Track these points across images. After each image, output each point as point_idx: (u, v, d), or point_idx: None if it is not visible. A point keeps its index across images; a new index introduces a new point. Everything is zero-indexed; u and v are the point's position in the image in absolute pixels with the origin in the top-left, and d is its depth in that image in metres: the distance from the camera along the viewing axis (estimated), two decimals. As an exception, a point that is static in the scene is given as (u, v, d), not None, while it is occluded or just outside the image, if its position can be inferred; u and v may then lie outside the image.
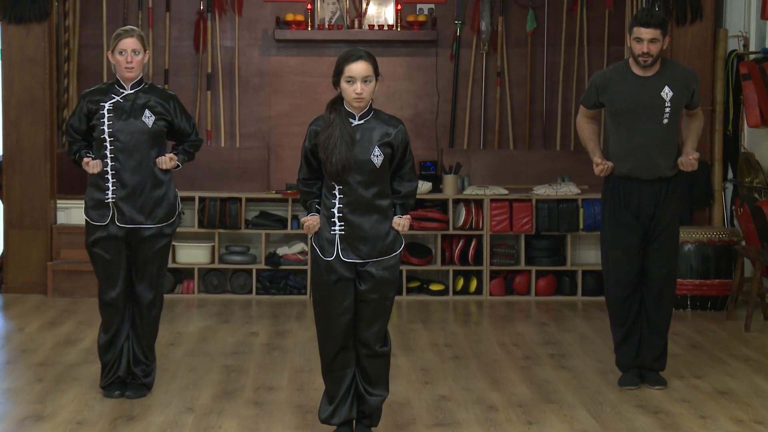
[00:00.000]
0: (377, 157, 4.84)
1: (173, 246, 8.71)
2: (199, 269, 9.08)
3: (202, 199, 9.06)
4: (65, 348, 6.99)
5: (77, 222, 8.86)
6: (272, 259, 9.03)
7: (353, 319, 4.95)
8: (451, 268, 9.09)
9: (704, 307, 8.38)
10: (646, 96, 5.91)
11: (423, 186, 9.08)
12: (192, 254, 9.02)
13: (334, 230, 4.89)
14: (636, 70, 5.95)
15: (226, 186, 9.54)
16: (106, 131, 5.66)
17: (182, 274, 9.10)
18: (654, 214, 6.01)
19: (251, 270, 9.08)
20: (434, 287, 9.09)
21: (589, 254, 9.23)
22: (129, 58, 5.63)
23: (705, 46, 8.91)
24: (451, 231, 9.07)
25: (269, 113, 9.88)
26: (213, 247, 9.07)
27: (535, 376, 6.36)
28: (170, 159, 5.77)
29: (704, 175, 8.90)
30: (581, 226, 9.03)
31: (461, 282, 9.08)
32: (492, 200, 9.04)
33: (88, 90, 5.81)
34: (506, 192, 9.15)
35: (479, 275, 9.09)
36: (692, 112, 6.09)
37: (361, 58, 4.82)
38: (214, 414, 5.55)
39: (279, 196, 9.15)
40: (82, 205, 5.87)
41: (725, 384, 6.17)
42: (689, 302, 8.38)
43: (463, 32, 9.83)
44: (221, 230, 9.06)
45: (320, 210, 4.96)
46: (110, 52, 5.68)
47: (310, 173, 4.99)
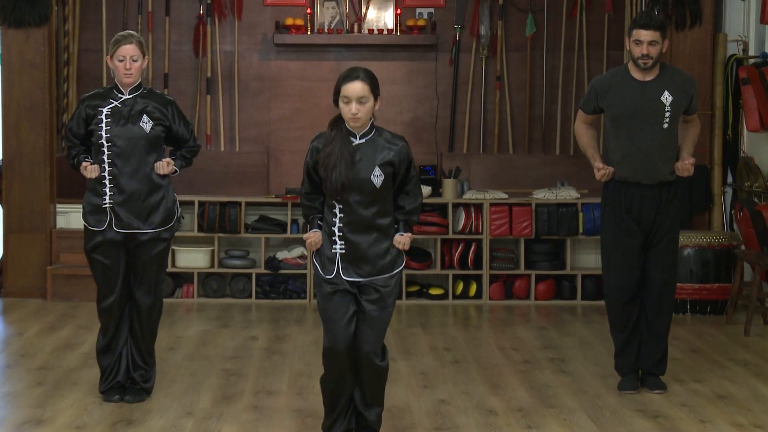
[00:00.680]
0: (377, 178, 4.82)
1: (173, 250, 8.72)
2: (199, 273, 9.08)
3: (202, 204, 9.06)
4: (65, 352, 6.99)
5: (77, 226, 8.86)
6: (272, 264, 9.03)
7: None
8: (451, 273, 9.09)
9: (704, 312, 8.38)
10: (646, 100, 5.91)
11: (423, 190, 9.05)
12: (191, 258, 9.02)
13: (335, 249, 4.88)
14: (636, 75, 5.96)
15: (226, 190, 9.54)
16: (104, 136, 5.66)
17: (182, 279, 9.10)
18: (655, 219, 6.01)
19: (251, 274, 9.08)
20: (434, 291, 9.09)
21: (589, 258, 9.23)
22: (128, 65, 5.63)
23: (704, 51, 8.92)
24: (451, 235, 9.07)
25: (269, 117, 9.89)
26: (213, 252, 9.07)
27: (535, 381, 6.36)
28: (168, 164, 5.77)
29: (704, 180, 8.90)
30: (581, 231, 9.03)
31: (461, 286, 9.08)
32: (491, 204, 9.04)
33: (87, 95, 5.81)
34: (506, 196, 9.15)
35: (479, 279, 9.09)
36: (689, 118, 6.10)
37: (357, 79, 4.78)
38: (214, 418, 5.54)
39: (279, 201, 9.15)
40: (81, 210, 5.87)
41: (725, 388, 6.17)
42: (689, 306, 8.37)
43: (463, 36, 9.84)
44: (221, 234, 9.06)
45: (322, 226, 4.95)
46: (109, 57, 5.69)
47: (312, 188, 4.97)
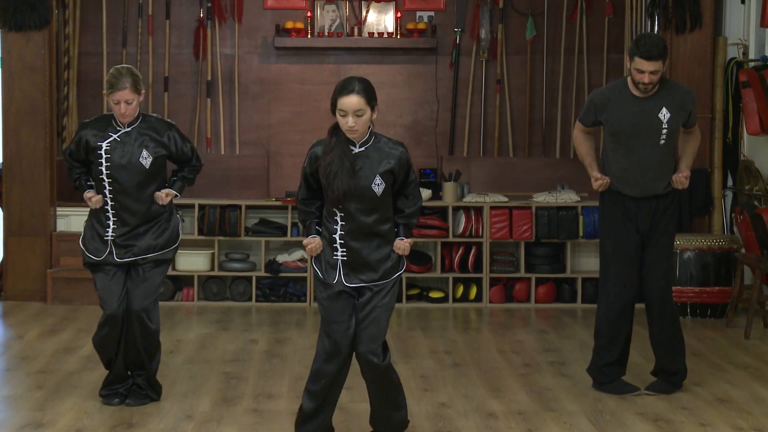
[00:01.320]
0: (378, 186, 4.84)
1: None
2: (199, 276, 9.08)
3: (202, 207, 9.06)
4: (65, 355, 6.99)
5: (77, 229, 8.85)
6: (272, 267, 9.03)
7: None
8: (451, 276, 9.09)
9: (704, 315, 8.38)
10: (644, 117, 5.94)
11: (423, 193, 9.08)
12: (192, 261, 9.02)
13: (336, 255, 4.90)
14: (634, 91, 5.98)
15: (226, 193, 9.54)
16: (104, 172, 5.68)
17: (182, 282, 9.10)
18: (650, 227, 6.05)
19: (251, 277, 9.08)
20: (434, 294, 9.09)
21: (589, 262, 9.22)
22: (122, 109, 5.62)
23: (704, 54, 8.92)
24: (451, 238, 9.07)
25: (269, 121, 9.89)
26: (213, 255, 9.07)
27: (535, 384, 6.35)
28: (167, 195, 5.79)
29: (704, 183, 8.90)
30: (581, 234, 9.03)
31: (461, 289, 9.08)
32: (492, 207, 9.04)
33: (88, 121, 5.80)
34: (506, 199, 9.15)
35: (479, 282, 9.09)
36: (689, 130, 6.13)
37: (353, 92, 4.77)
38: (214, 421, 5.54)
39: (279, 204, 9.15)
40: (82, 213, 5.90)
41: (725, 391, 6.16)
42: (689, 310, 8.37)
43: (463, 40, 9.85)
44: (221, 237, 9.06)
45: (321, 231, 4.96)
46: (105, 93, 5.68)
47: (309, 193, 4.98)
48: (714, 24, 8.98)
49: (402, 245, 4.96)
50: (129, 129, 5.70)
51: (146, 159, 5.69)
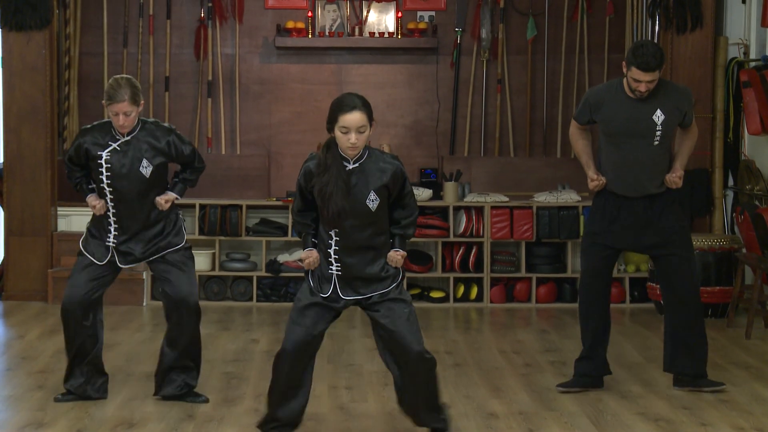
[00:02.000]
0: (373, 202, 4.81)
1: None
2: (200, 276, 9.07)
3: (203, 206, 9.06)
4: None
5: (78, 229, 8.86)
6: (273, 267, 9.03)
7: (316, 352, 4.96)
8: (452, 276, 9.09)
9: (705, 315, 8.35)
10: (638, 119, 5.94)
11: (423, 193, 9.08)
12: (192, 261, 9.01)
13: (331, 270, 4.89)
14: (629, 93, 5.97)
15: (227, 193, 9.54)
16: (105, 182, 5.68)
17: (183, 282, 9.08)
18: (647, 231, 6.05)
19: (252, 277, 9.08)
20: (435, 294, 9.09)
21: (590, 261, 9.21)
22: (121, 120, 5.59)
23: (705, 54, 8.92)
24: (452, 238, 9.07)
25: (270, 121, 9.89)
26: (213, 254, 9.08)
27: (536, 384, 6.35)
28: (166, 201, 5.78)
29: (705, 183, 8.90)
30: (582, 233, 9.01)
31: (462, 289, 9.08)
32: (492, 207, 9.04)
33: (87, 127, 5.78)
34: (507, 199, 9.15)
35: (480, 282, 9.09)
36: (686, 129, 6.13)
37: (356, 108, 4.72)
38: (215, 421, 5.54)
39: (279, 204, 9.15)
40: (82, 213, 5.89)
41: (726, 391, 6.16)
42: (690, 309, 8.36)
43: (464, 40, 9.84)
44: (222, 237, 9.06)
45: (317, 244, 4.94)
46: (104, 104, 5.67)
47: (305, 205, 4.95)
48: (715, 24, 8.98)
49: (395, 257, 4.92)
50: (128, 138, 5.68)
51: (146, 168, 5.68)
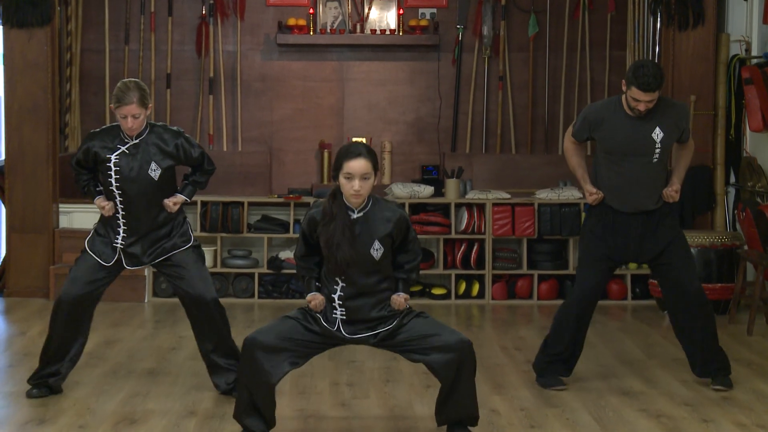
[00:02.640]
0: (377, 251, 4.81)
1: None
2: (202, 273, 9.07)
3: (205, 203, 9.06)
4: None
5: (79, 226, 8.87)
6: (274, 263, 9.04)
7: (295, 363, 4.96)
8: (454, 272, 9.09)
9: (706, 312, 8.36)
10: (637, 137, 5.96)
11: (425, 190, 9.09)
12: (194, 258, 9.01)
13: (336, 314, 4.90)
14: (628, 111, 5.99)
15: (229, 190, 9.54)
16: (114, 184, 5.69)
17: (184, 279, 9.09)
18: (643, 243, 6.06)
19: (253, 274, 9.08)
20: (436, 291, 9.09)
21: (591, 258, 9.21)
22: (130, 123, 5.61)
23: (707, 51, 8.92)
24: (454, 235, 9.07)
25: (271, 118, 9.89)
26: (215, 251, 9.08)
27: (538, 380, 6.35)
28: (174, 204, 5.79)
29: (706, 180, 8.90)
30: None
31: (463, 286, 9.08)
32: (494, 204, 9.04)
33: (96, 131, 5.79)
34: (508, 196, 9.15)
35: (481, 279, 9.09)
36: (683, 144, 6.16)
37: (361, 156, 4.72)
38: (217, 418, 5.54)
39: (281, 200, 9.15)
40: (84, 210, 5.89)
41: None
42: (691, 306, 8.36)
43: (465, 37, 9.85)
44: (223, 234, 9.06)
45: (321, 288, 4.95)
46: (112, 107, 5.67)
47: (308, 251, 4.96)
48: (716, 21, 8.98)
49: (398, 301, 4.92)
50: (137, 141, 5.69)
51: (155, 171, 5.69)
